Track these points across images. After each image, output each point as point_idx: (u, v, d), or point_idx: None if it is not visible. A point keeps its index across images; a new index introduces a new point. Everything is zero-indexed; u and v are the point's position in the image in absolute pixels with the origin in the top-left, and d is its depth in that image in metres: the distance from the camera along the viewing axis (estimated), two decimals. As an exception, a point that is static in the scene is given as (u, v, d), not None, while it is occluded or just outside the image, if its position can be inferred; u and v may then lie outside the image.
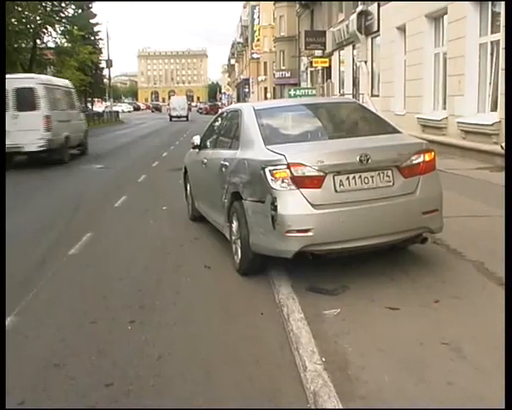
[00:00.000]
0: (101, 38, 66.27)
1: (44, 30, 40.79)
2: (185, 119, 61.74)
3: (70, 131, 19.85)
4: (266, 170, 5.64)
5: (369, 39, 26.54)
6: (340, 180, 5.58)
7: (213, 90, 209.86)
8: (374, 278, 5.83)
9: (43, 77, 20.50)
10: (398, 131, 6.67)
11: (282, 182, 5.55)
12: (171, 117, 62.39)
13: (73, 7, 47.28)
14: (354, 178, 5.63)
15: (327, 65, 36.10)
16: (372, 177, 5.70)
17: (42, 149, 17.76)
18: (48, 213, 10.80)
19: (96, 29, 63.97)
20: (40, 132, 17.52)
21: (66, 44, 45.52)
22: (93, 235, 8.75)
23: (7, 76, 17.62)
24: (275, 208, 5.54)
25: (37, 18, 38.44)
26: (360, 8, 26.91)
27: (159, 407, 3.87)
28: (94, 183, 14.92)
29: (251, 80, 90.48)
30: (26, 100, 17.44)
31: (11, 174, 16.35)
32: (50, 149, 17.98)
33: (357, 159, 5.59)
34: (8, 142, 16.98)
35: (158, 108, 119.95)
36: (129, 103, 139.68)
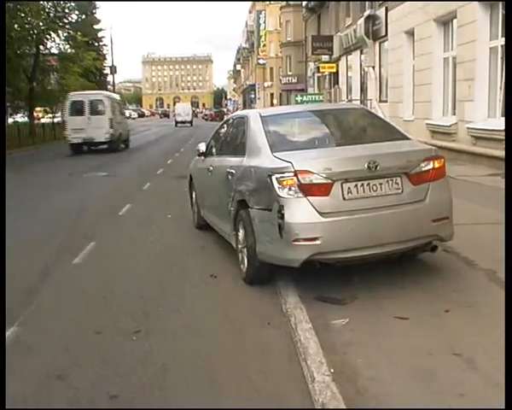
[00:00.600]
0: (105, 44, 66.58)
1: (48, 36, 40.88)
2: (189, 124, 66.14)
3: (121, 130, 28.55)
4: (273, 177, 5.65)
5: (377, 44, 26.55)
6: (349, 188, 5.58)
7: (219, 97, 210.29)
8: (383, 287, 5.82)
9: (107, 92, 30.89)
10: (407, 138, 6.67)
11: (290, 190, 5.55)
12: (176, 122, 66.68)
13: (77, 12, 47.53)
14: (362, 185, 5.63)
15: (334, 70, 36.13)
16: (381, 184, 5.69)
17: (107, 140, 26.66)
18: (51, 221, 10.83)
19: (99, 35, 64.24)
20: (106, 129, 26.35)
21: (69, 50, 45.74)
22: (97, 243, 8.77)
23: (84, 92, 26.43)
24: (282, 216, 5.54)
25: (41, 24, 38.58)
26: (368, 12, 26.92)
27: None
28: (98, 191, 14.95)
29: (257, 86, 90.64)
30: (98, 108, 26.59)
31: (17, 182, 16.45)
32: (111, 140, 26.76)
33: (366, 166, 5.59)
34: (84, 136, 26.27)
35: (166, 115, 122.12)
36: (133, 110, 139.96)
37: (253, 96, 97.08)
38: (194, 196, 9.66)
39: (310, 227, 5.49)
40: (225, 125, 8.67)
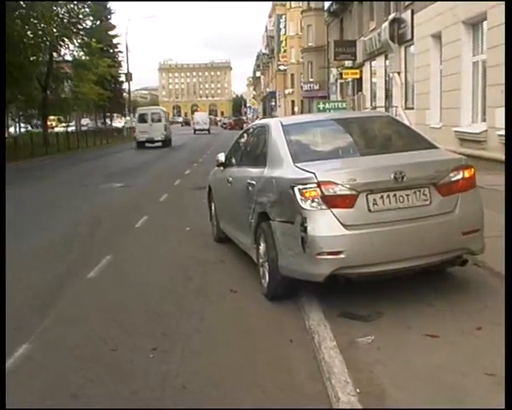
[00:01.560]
0: (120, 51, 67.28)
1: (61, 42, 41.30)
2: (207, 131, 75.78)
3: (168, 133, 42.32)
4: (295, 189, 5.66)
5: (403, 48, 26.48)
6: (374, 199, 5.57)
7: (238, 104, 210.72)
8: (410, 303, 5.78)
9: (161, 107, 48.05)
10: (435, 147, 6.64)
11: (313, 201, 5.55)
12: (195, 130, 76.81)
13: (91, 18, 47.98)
14: (388, 196, 5.62)
15: (357, 76, 36.09)
16: (408, 195, 5.67)
17: (162, 139, 40.15)
18: (65, 234, 10.90)
19: (114, 41, 64.91)
20: (161, 132, 40.20)
21: (83, 57, 46.19)
22: (113, 257, 8.82)
23: (147, 107, 47.91)
24: (305, 229, 5.54)
25: (54, 30, 38.91)
26: (392, 15, 26.88)
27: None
28: (114, 202, 15.05)
29: (277, 93, 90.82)
30: (156, 118, 40.97)
31: (29, 193, 16.61)
32: (164, 139, 40.33)
33: (392, 176, 5.57)
34: (147, 136, 39.72)
35: (187, 123, 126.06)
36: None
37: (273, 103, 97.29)
38: (213, 207, 9.70)
39: (334, 240, 5.48)
40: (245, 135, 8.71)
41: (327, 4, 45.12)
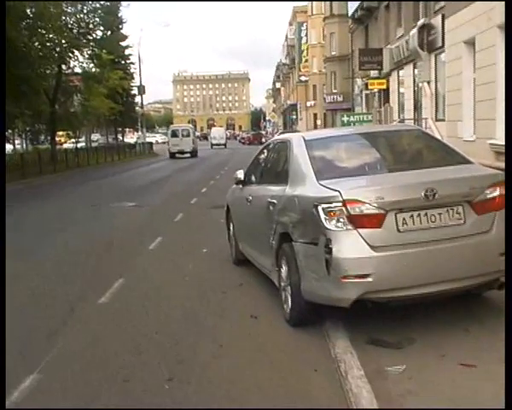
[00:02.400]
0: (132, 62, 67.55)
1: (70, 54, 41.62)
2: (223, 146, 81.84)
3: (195, 146, 53.17)
4: (319, 208, 5.68)
5: (433, 56, 26.44)
6: (403, 218, 5.57)
7: (256, 118, 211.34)
8: (444, 329, 5.75)
9: (190, 125, 63.66)
10: (469, 161, 6.61)
11: (338, 221, 5.57)
12: (212, 145, 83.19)
13: (102, 28, 48.42)
14: (419, 215, 5.61)
15: (384, 87, 36.11)
16: (440, 214, 5.66)
17: (190, 150, 51.75)
18: (75, 256, 10.96)
19: (126, 52, 65.27)
20: (190, 145, 52.19)
21: (94, 70, 46.60)
22: (125, 281, 8.86)
23: (178, 124, 74.00)
24: (329, 251, 5.55)
25: (63, 41, 39.25)
26: (422, 21, 26.81)
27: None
28: (126, 223, 15.14)
29: (298, 106, 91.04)
30: (186, 133, 53.72)
31: (37, 213, 16.78)
32: (192, 151, 51.83)
33: (423, 194, 5.57)
34: (178, 148, 52.09)
35: (205, 137, 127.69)
36: (163, 133, 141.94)
37: (294, 116, 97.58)
38: (231, 228, 9.73)
39: (360, 263, 5.49)
40: (265, 151, 8.76)
41: (351, 10, 45.23)
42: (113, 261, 10.44)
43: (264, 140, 74.15)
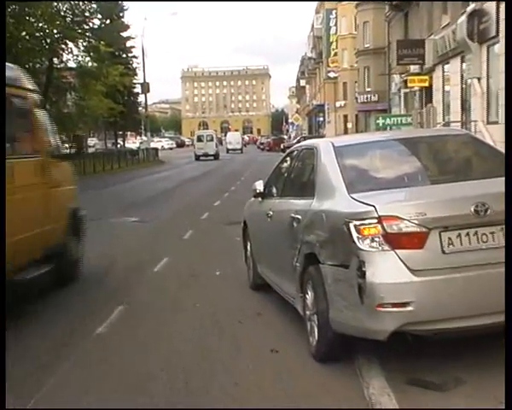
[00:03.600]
0: (135, 56, 68.33)
1: (63, 46, 41.62)
2: (240, 151, 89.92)
3: (217, 150, 70.62)
4: (351, 225, 5.68)
5: (484, 48, 26.09)
6: (449, 238, 5.55)
7: (278, 121, 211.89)
8: (498, 368, 5.67)
9: (213, 131, 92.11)
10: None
11: (372, 241, 5.57)
12: (228, 149, 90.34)
13: (100, 16, 48.46)
14: (468, 234, 5.59)
15: (426, 84, 36.09)
16: (492, 233, 5.63)
17: (213, 153, 68.08)
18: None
19: (128, 44, 66.02)
20: (213, 148, 68.87)
21: (90, 64, 46.68)
22: (126, 308, 8.90)
23: (203, 130, 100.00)
24: (363, 275, 5.55)
25: (55, 31, 39.14)
26: (472, 6, 26.25)
27: None
28: (127, 240, 15.18)
29: (326, 106, 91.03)
30: (210, 138, 70.69)
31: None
32: (215, 154, 68.13)
33: (472, 209, 5.55)
34: (203, 151, 68.12)
35: (220, 142, 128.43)
36: (170, 138, 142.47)
37: (321, 119, 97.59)
38: (249, 247, 9.76)
39: (399, 289, 5.47)
40: (289, 159, 8.79)
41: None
42: (111, 285, 10.48)
43: (282, 145, 75.80)
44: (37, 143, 9.62)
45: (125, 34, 62.80)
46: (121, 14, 62.88)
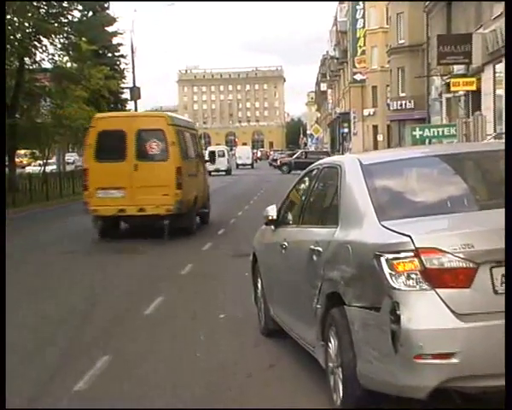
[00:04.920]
0: (122, 55, 68.18)
1: (36, 42, 41.29)
2: (250, 166, 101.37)
3: (229, 165, 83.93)
4: (382, 259, 5.67)
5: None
6: (502, 275, 5.53)
7: (294, 132, 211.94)
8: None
9: (226, 146, 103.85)
10: None
11: (408, 278, 5.55)
12: (237, 165, 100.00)
13: (80, 8, 48.26)
14: (526, 271, 5.58)
15: (473, 88, 36.02)
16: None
17: (225, 169, 79.46)
18: (43, 327, 11.01)
19: (115, 41, 65.97)
20: (225, 164, 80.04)
21: (69, 65, 46.63)
22: (111, 359, 8.90)
23: (216, 146, 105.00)
24: (397, 320, 5.53)
25: (26, 24, 38.93)
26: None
27: None
28: (114, 276, 15.23)
29: (352, 115, 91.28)
30: (222, 154, 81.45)
31: None
32: (227, 170, 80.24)
33: (530, 241, 5.55)
34: (215, 167, 70.18)
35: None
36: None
37: (345, 130, 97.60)
38: (259, 285, 9.78)
39: (441, 337, 5.45)
40: (307, 179, 8.82)
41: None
42: (95, 331, 10.47)
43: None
44: (199, 153, 24.41)
45: (110, 29, 62.83)
46: (106, 5, 62.90)
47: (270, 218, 8.96)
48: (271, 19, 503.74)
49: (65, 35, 43.43)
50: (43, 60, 44.20)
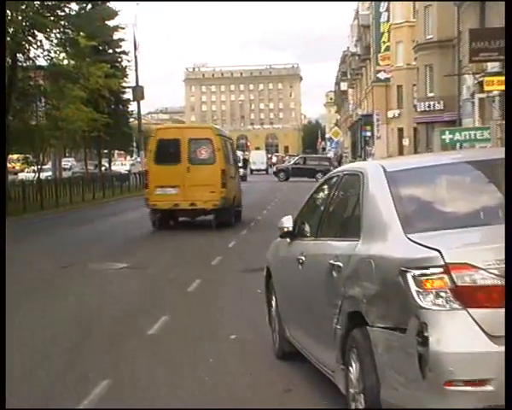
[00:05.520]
0: (124, 52, 68.39)
1: (31, 37, 41.08)
2: (264, 172, 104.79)
3: (245, 172, 73.42)
4: (408, 275, 5.64)
5: None
6: (541, 293, 5.52)
7: (311, 135, 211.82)
8: None
9: (263, 151, 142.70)
10: None
11: (437, 296, 5.52)
12: (251, 170, 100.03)
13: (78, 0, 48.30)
14: None
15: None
16: None
17: (242, 175, 50.87)
18: (36, 349, 11.00)
19: (116, 36, 66.13)
20: (264, 164, 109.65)
21: (66, 62, 46.55)
22: (112, 383, 8.89)
23: (257, 151, 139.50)
24: (425, 342, 5.50)
25: (19, 18, 38.92)
26: None
27: None
28: (113, 295, 15.20)
29: (375, 117, 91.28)
30: (261, 159, 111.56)
31: None
32: (243, 176, 52.58)
33: None
34: (256, 167, 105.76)
35: (245, 164, 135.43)
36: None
37: (368, 133, 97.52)
38: (273, 303, 9.77)
39: (474, 361, 5.42)
40: (326, 187, 8.83)
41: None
42: (93, 353, 10.49)
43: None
44: (234, 159, 32.10)
45: (111, 23, 63.06)
46: (106, -3, 63.11)
47: (286, 229, 8.94)
48: (287, 12, 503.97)
49: (61, 29, 43.20)
50: (38, 56, 43.77)
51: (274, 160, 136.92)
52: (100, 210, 42.03)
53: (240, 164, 47.79)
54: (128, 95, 69.25)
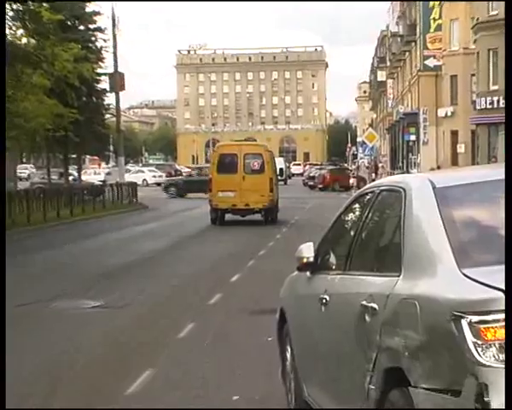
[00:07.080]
0: (100, 29, 68.40)
1: None
2: (283, 182, 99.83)
3: (287, 174, 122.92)
4: (464, 322, 5.61)
5: None
6: None
7: (338, 138, 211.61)
8: None
9: (282, 158, 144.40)
10: None
11: (501, 350, 5.51)
12: None
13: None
14: None
15: None
16: None
17: (283, 179, 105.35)
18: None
19: (89, 10, 66.22)
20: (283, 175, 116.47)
21: (25, 41, 46.62)
22: None
23: (280, 157, 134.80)
24: (485, 408, 5.50)
25: None
26: None
27: None
28: (83, 343, 15.12)
29: (422, 117, 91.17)
30: (280, 163, 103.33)
31: None
32: (285, 179, 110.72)
33: None
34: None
35: None
36: (158, 166, 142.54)
37: (412, 137, 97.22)
38: (288, 355, 9.80)
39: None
40: (357, 207, 8.84)
41: None
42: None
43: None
44: (275, 170, 49.50)
45: (83, -8, 63.41)
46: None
47: (306, 260, 8.92)
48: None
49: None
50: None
51: (294, 169, 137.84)
52: (66, 232, 42.07)
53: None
54: (104, 84, 69.29)
